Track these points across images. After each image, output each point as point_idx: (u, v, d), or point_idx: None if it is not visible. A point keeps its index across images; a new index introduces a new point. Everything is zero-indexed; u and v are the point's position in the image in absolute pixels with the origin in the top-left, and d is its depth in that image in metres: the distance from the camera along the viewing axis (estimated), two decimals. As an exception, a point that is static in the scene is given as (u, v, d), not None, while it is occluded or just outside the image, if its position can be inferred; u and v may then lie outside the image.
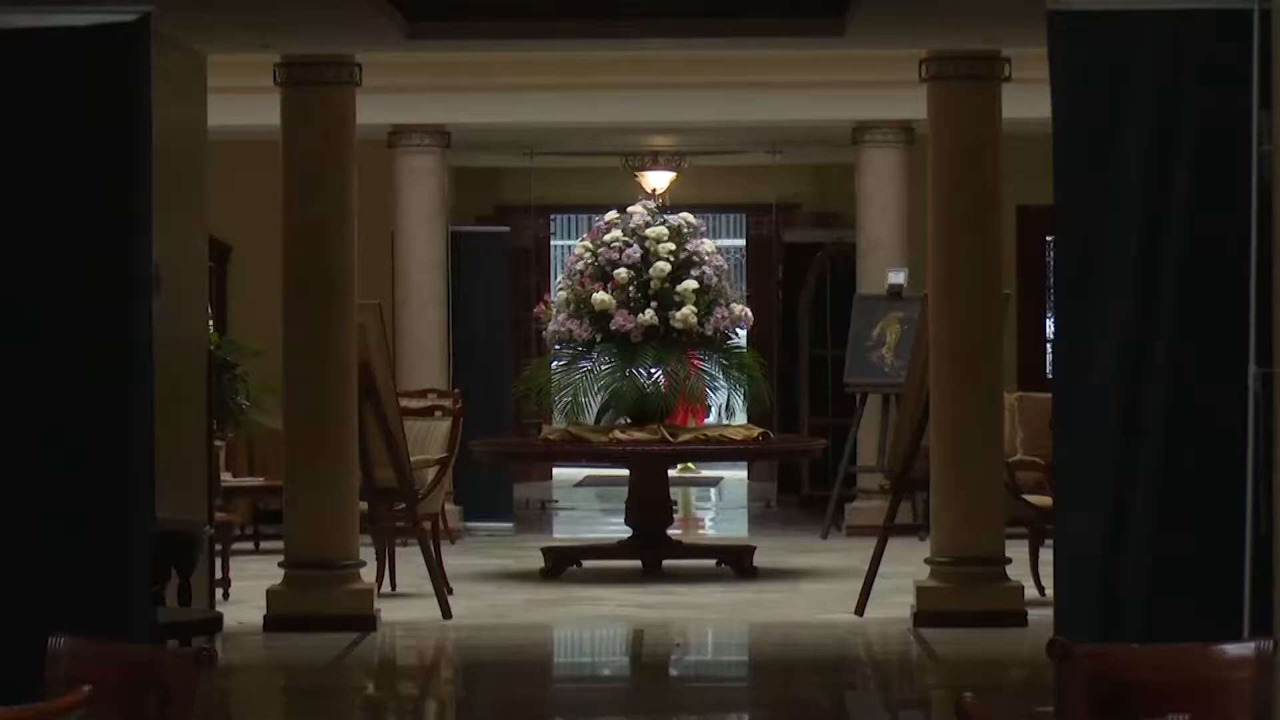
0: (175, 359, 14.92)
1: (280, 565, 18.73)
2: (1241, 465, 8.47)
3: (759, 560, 22.58)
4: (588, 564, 22.60)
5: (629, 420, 22.46)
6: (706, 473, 31.06)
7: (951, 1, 16.09)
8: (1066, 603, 9.06)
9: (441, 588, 19.49)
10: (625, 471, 23.48)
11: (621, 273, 22.13)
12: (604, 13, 17.25)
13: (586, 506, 29.10)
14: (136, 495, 8.88)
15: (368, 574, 19.29)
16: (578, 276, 22.66)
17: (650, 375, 22.42)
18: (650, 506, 22.63)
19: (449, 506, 23.78)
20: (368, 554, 19.56)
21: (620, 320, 21.91)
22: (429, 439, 22.00)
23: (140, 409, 8.90)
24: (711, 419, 25.00)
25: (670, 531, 22.91)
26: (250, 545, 22.62)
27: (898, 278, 24.33)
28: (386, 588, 20.18)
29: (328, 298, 18.36)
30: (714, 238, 24.55)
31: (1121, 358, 8.74)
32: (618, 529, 23.41)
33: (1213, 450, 8.58)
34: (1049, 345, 22.28)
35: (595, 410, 22.98)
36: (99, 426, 8.77)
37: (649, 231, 22.40)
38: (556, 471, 29.62)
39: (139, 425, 8.89)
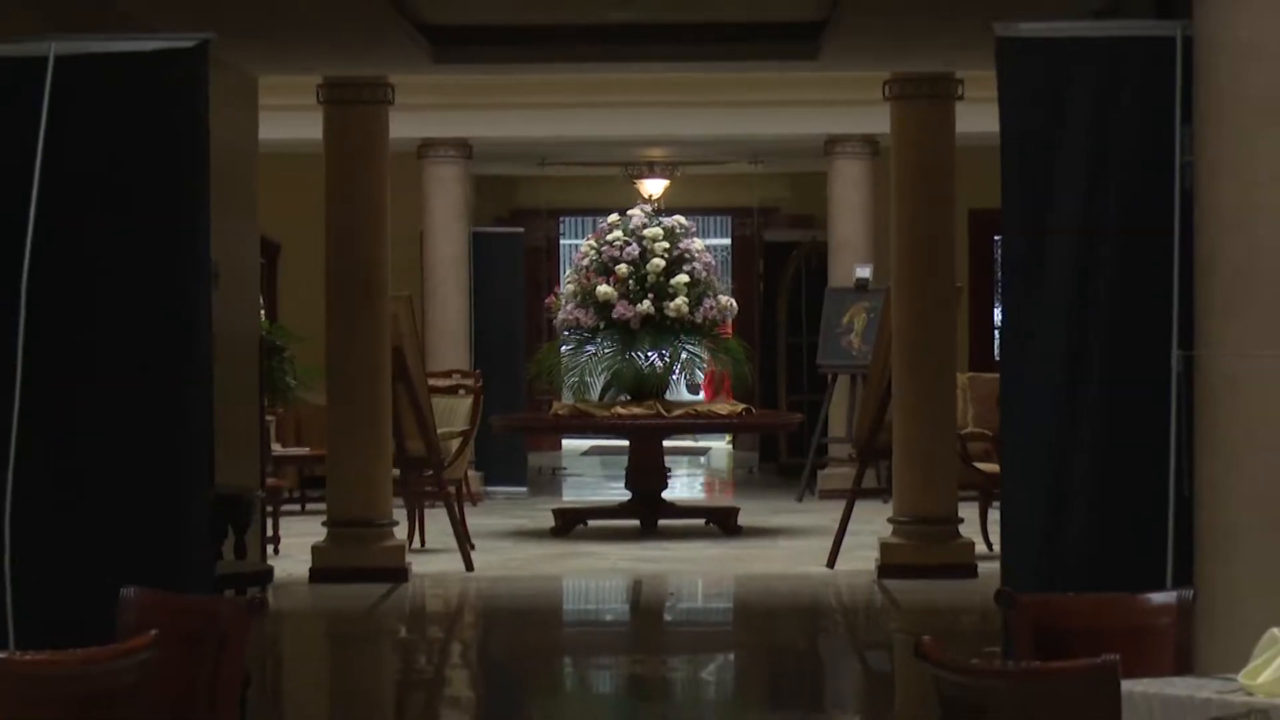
0: (231, 344, 14.88)
1: (323, 524, 18.90)
2: (1166, 436, 8.42)
3: (742, 520, 22.64)
4: (593, 523, 22.62)
5: (629, 397, 22.53)
6: (697, 444, 31.06)
7: (912, 29, 16.07)
8: (1012, 557, 9.01)
9: (465, 544, 19.52)
10: (625, 443, 23.48)
11: (622, 268, 22.30)
12: (606, 39, 17.26)
13: (591, 473, 29.07)
14: (197, 463, 8.83)
15: (400, 532, 19.45)
16: (583, 271, 22.83)
17: (647, 358, 22.44)
18: (647, 473, 22.67)
19: (471, 473, 23.80)
20: (400, 514, 19.72)
21: (621, 310, 22.04)
22: (453, 414, 22.01)
23: (201, 387, 8.84)
24: (700, 398, 25.05)
25: (664, 495, 22.92)
26: (297, 507, 22.59)
27: (864, 272, 24.32)
28: (416, 544, 20.24)
29: (364, 290, 18.46)
30: (703, 237, 24.53)
31: (1061, 342, 8.67)
32: (619, 492, 23.35)
33: (1141, 423, 8.53)
34: (996, 332, 22.18)
35: (599, 389, 23.08)
36: (165, 403, 8.71)
37: (646, 232, 22.57)
38: (565, 442, 29.61)
39: (199, 402, 8.84)
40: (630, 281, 22.28)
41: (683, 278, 22.32)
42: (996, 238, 15.21)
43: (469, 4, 15.89)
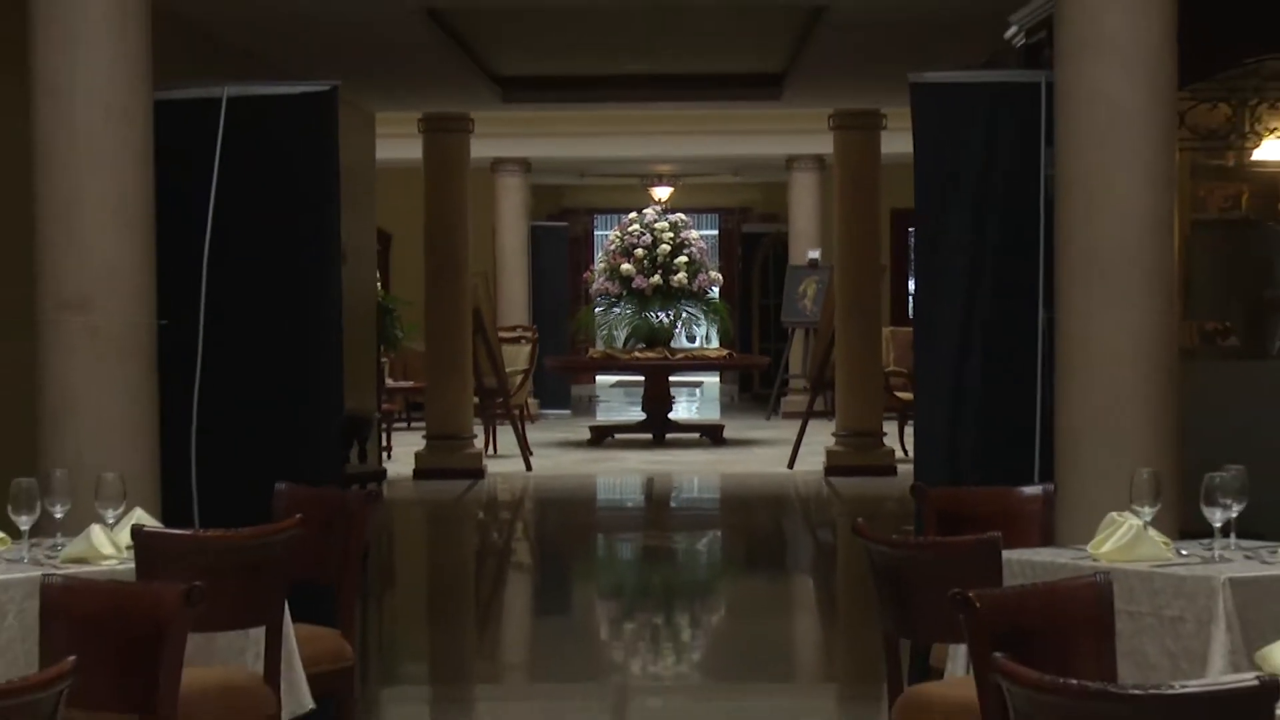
0: (356, 307, 14.84)
1: (423, 437, 19.06)
2: (1034, 373, 8.38)
3: (726, 434, 22.73)
4: (618, 436, 22.69)
5: (644, 345, 22.79)
6: (694, 379, 31.02)
7: (848, 78, 16.03)
8: (922, 461, 8.98)
9: (525, 451, 19.65)
10: (641, 378, 23.58)
11: (639, 251, 22.84)
12: (627, 85, 17.38)
13: (616, 400, 29.03)
14: (331, 393, 8.80)
15: (478, 443, 19.56)
16: (611, 254, 23.31)
17: (657, 317, 22.72)
18: (657, 400, 22.84)
19: (530, 400, 23.94)
20: (478, 430, 19.82)
21: (638, 281, 22.55)
22: (517, 357, 22.41)
23: (333, 339, 8.80)
24: (696, 345, 25.08)
25: (670, 415, 22.96)
26: (404, 425, 22.62)
27: (814, 254, 24.33)
28: (490, 451, 20.42)
29: (452, 268, 18.61)
30: (698, 229, 24.63)
31: (958, 305, 8.62)
32: (636, 414, 23.35)
33: (1017, 363, 8.48)
34: (910, 298, 22.16)
35: (622, 339, 23.14)
36: (308, 350, 8.68)
37: (656, 225, 22.99)
38: (598, 378, 29.60)
39: (332, 349, 8.80)
40: (645, 261, 22.81)
41: (683, 259, 22.85)
42: (910, 229, 15.26)
43: (528, 60, 15.86)
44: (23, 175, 7.98)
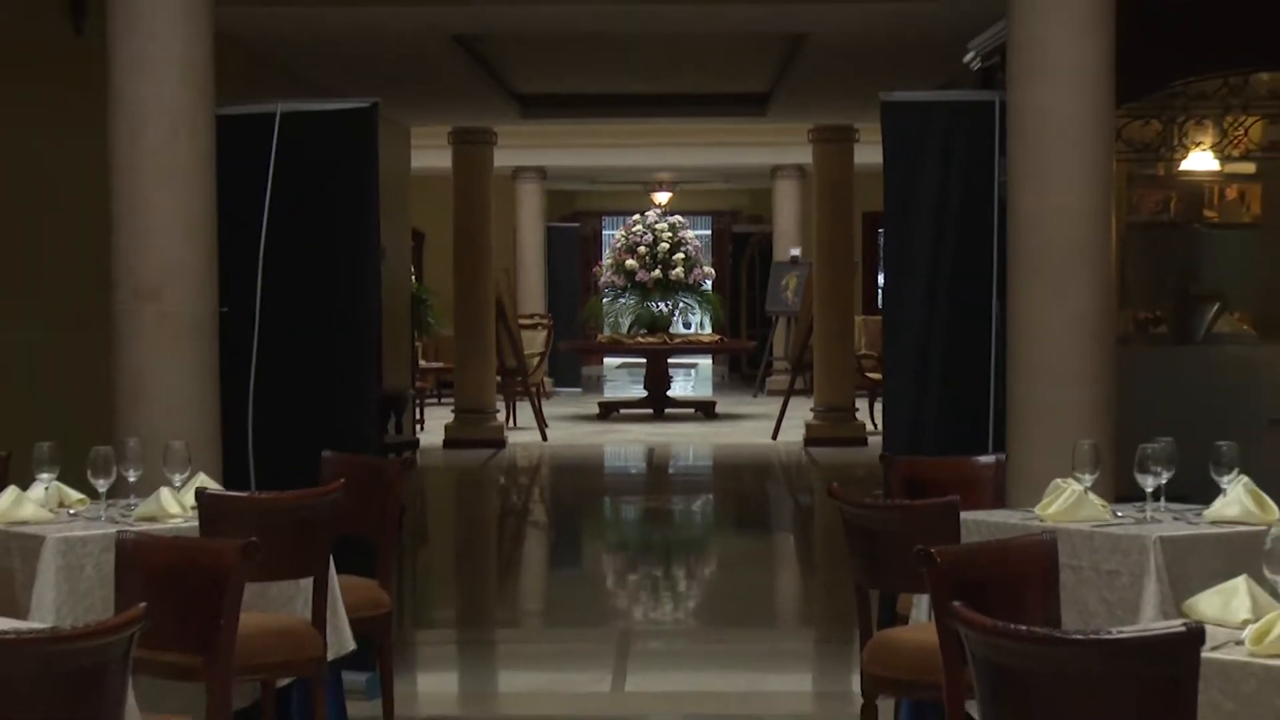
0: (393, 298, 14.83)
1: (452, 411, 19.11)
2: (988, 357, 8.38)
3: (718, 409, 22.72)
4: (623, 411, 22.64)
5: (646, 331, 22.76)
6: (689, 361, 31.00)
7: (824, 97, 16.04)
8: (889, 433, 8.97)
9: (541, 424, 19.62)
10: (643, 360, 23.57)
11: (641, 249, 22.85)
12: (631, 103, 17.45)
13: (622, 380, 28.97)
14: (370, 372, 8.81)
15: (500, 416, 19.68)
16: (617, 251, 23.33)
17: (658, 307, 22.72)
18: (657, 379, 22.87)
19: (546, 379, 24.00)
20: (501, 405, 19.96)
21: (641, 275, 22.59)
22: (534, 341, 22.47)
23: (372, 325, 8.80)
24: (691, 331, 25.10)
25: (668, 393, 22.97)
26: (435, 400, 22.61)
27: (795, 252, 24.23)
28: (510, 424, 20.41)
29: (477, 263, 18.68)
30: (694, 230, 24.63)
31: (921, 297, 8.61)
32: (639, 392, 23.38)
33: (973, 348, 8.45)
34: (880, 290, 22.15)
35: (627, 325, 23.16)
36: (350, 335, 8.66)
37: (657, 226, 23.01)
38: (606, 360, 29.52)
39: (371, 333, 8.79)
40: (646, 257, 22.80)
41: (680, 255, 22.84)
42: (879, 230, 15.39)
43: (544, 80, 15.86)
44: (100, 183, 8.00)
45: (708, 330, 25.05)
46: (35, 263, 9.62)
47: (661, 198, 27.99)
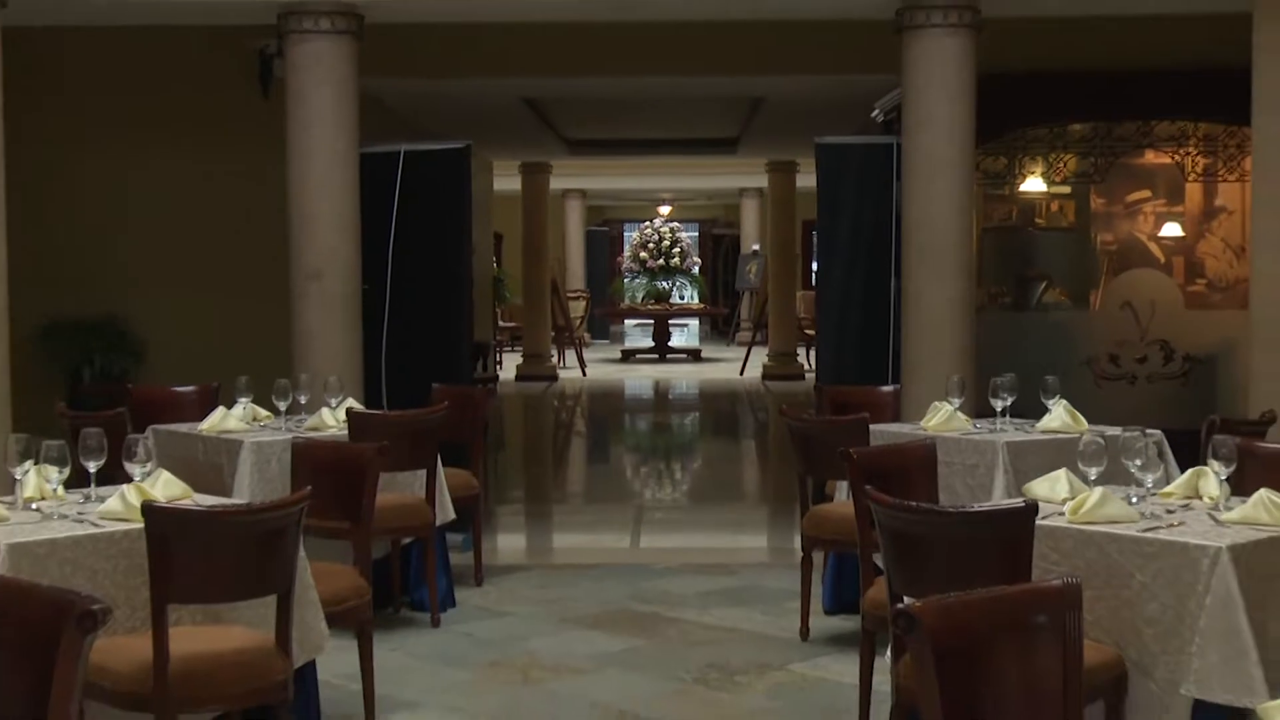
0: (480, 278, 14.70)
1: (521, 356, 19.02)
2: (889, 318, 8.35)
3: (703, 355, 22.63)
4: (638, 356, 22.55)
5: (653, 301, 22.89)
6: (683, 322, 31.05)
7: (778, 140, 15.97)
8: (820, 371, 8.97)
9: (582, 364, 19.70)
10: (651, 321, 23.43)
11: (651, 245, 22.97)
12: (644, 144, 17.30)
13: (636, 334, 28.82)
14: (465, 329, 8.79)
15: (554, 359, 19.55)
16: (634, 246, 23.50)
17: (662, 285, 22.77)
18: (661, 334, 22.70)
19: (585, 333, 23.84)
20: (554, 352, 19.84)
21: (650, 263, 22.84)
22: (577, 308, 22.68)
23: (465, 297, 8.76)
24: (684, 301, 25.17)
25: (669, 343, 22.90)
26: (510, 349, 22.51)
27: (755, 247, 24.13)
28: (561, 364, 20.19)
29: (538, 255, 18.60)
30: (686, 232, 24.66)
31: (842, 276, 8.64)
32: (648, 343, 23.35)
33: (878, 313, 8.44)
34: (813, 273, 22.22)
35: (640, 297, 23.23)
36: (451, 305, 8.64)
37: (661, 229, 23.28)
38: (626, 321, 29.19)
39: (465, 302, 8.76)
40: (654, 251, 22.81)
41: (677, 249, 23.11)
42: (813, 232, 15.48)
43: (583, 129, 15.76)
44: (280, 201, 8.02)
45: (695, 301, 25.03)
46: (242, 257, 9.65)
47: (664, 210, 27.91)
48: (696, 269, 24.56)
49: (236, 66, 9.55)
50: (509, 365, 19.44)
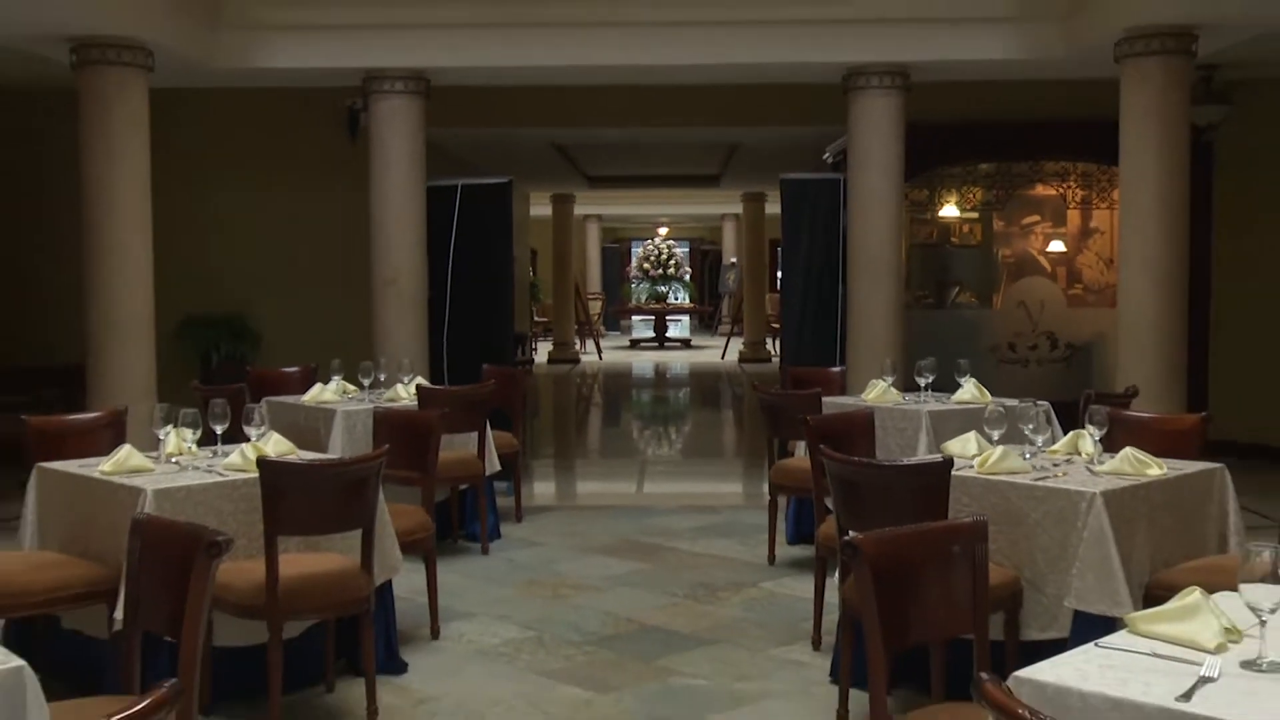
0: (519, 283, 14.68)
1: (551, 344, 18.78)
2: (837, 315, 8.31)
3: (692, 343, 22.48)
4: (642, 344, 22.39)
5: (655, 301, 22.69)
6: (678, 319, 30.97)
7: (750, 177, 15.89)
8: (784, 355, 8.92)
9: (599, 349, 19.58)
10: (653, 317, 23.24)
11: (652, 258, 22.76)
12: (646, 179, 17.20)
13: (641, 327, 28.73)
14: (508, 322, 8.75)
15: (577, 347, 19.26)
16: (639, 259, 23.27)
17: (661, 288, 22.65)
18: (660, 327, 22.54)
19: (601, 326, 23.68)
20: (577, 340, 19.50)
21: (651, 272, 22.53)
22: (595, 307, 22.56)
23: (508, 298, 8.72)
24: (678, 302, 25.04)
25: (666, 334, 22.77)
26: (543, 338, 22.48)
27: (733, 259, 24.08)
28: (583, 351, 20.00)
29: (564, 266, 18.44)
30: (680, 248, 24.54)
31: (800, 282, 8.55)
32: (650, 333, 23.18)
33: (828, 311, 8.38)
34: (779, 281, 22.13)
35: (644, 298, 23.09)
36: (498, 303, 8.59)
37: (660, 246, 23.05)
38: (633, 316, 29.11)
39: (507, 303, 8.71)
40: (655, 262, 22.73)
41: (673, 261, 23.05)
42: (779, 249, 15.45)
43: (600, 167, 15.67)
44: (364, 225, 7.96)
45: (686, 301, 24.93)
46: (334, 267, 9.61)
47: (662, 230, 27.77)
48: (687, 276, 24.37)
49: (330, 119, 9.51)
50: (542, 351, 19.34)
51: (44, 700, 2.05)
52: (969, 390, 5.87)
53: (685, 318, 30.97)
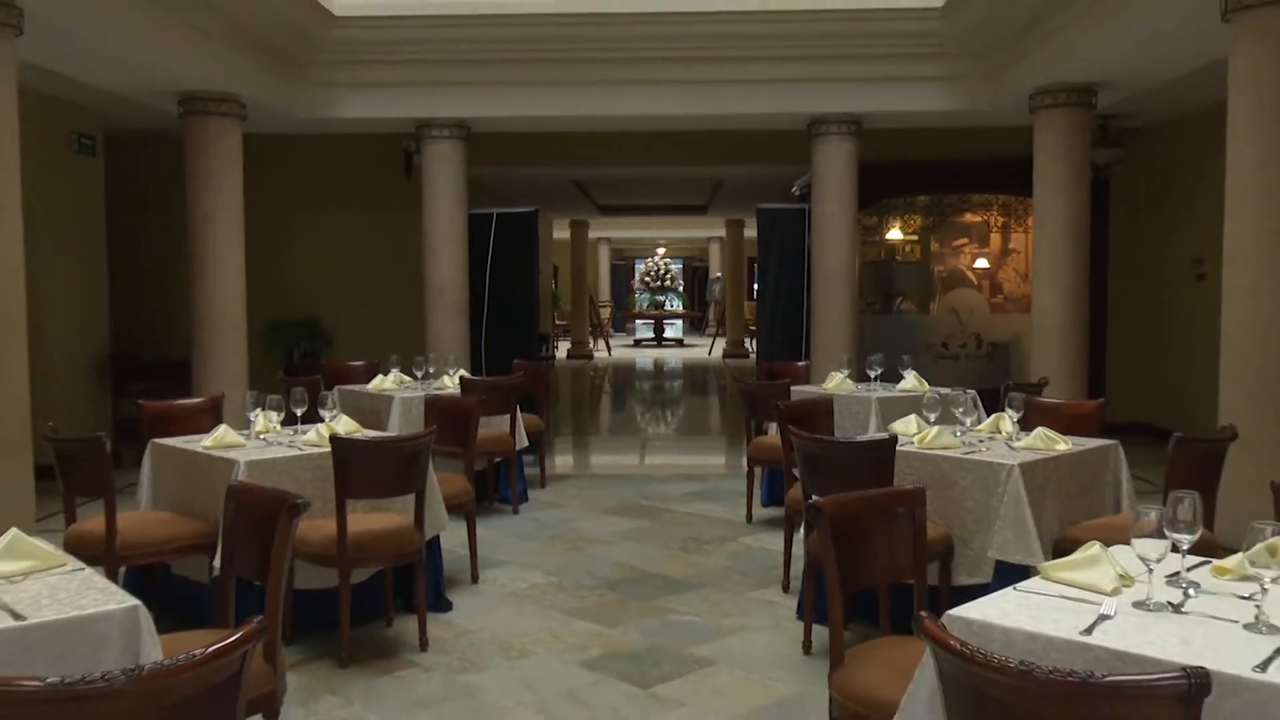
0: (544, 293, 14.59)
1: (569, 343, 18.53)
2: (802, 321, 8.29)
3: (685, 342, 22.24)
4: (644, 343, 22.22)
5: (654, 308, 22.51)
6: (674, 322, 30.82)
7: (733, 206, 15.79)
8: (759, 353, 8.85)
9: (608, 347, 19.38)
10: (653, 320, 23.11)
11: (652, 273, 22.48)
12: (647, 208, 17.04)
13: (643, 329, 28.61)
14: (533, 326, 8.72)
15: (590, 345, 18.98)
16: (641, 274, 23.04)
17: (659, 298, 22.47)
18: (659, 329, 22.36)
19: (610, 329, 23.47)
20: (591, 339, 19.25)
21: (651, 284, 22.06)
22: (605, 313, 22.13)
23: (534, 305, 8.68)
24: (674, 309, 24.87)
25: (664, 335, 22.61)
26: (563, 339, 22.39)
27: (718, 274, 23.90)
28: (595, 348, 19.81)
29: (581, 280, 18.22)
30: (675, 264, 24.36)
31: (771, 295, 8.52)
32: (650, 334, 23.03)
33: (795, 317, 8.37)
34: (755, 292, 22.03)
35: (645, 306, 22.95)
36: (526, 309, 8.57)
37: (659, 262, 22.86)
38: (636, 320, 29.04)
39: (533, 308, 8.68)
40: (654, 276, 22.56)
41: (669, 275, 22.78)
42: (755, 266, 15.29)
43: (610, 198, 15.60)
44: (417, 249, 7.92)
45: (680, 308, 24.81)
46: (393, 280, 9.57)
47: (660, 250, 27.65)
48: (681, 288, 24.37)
49: (389, 159, 9.49)
50: (562, 349, 19.26)
51: (156, 633, 2.06)
52: (910, 381, 5.85)
53: (679, 321, 30.82)
